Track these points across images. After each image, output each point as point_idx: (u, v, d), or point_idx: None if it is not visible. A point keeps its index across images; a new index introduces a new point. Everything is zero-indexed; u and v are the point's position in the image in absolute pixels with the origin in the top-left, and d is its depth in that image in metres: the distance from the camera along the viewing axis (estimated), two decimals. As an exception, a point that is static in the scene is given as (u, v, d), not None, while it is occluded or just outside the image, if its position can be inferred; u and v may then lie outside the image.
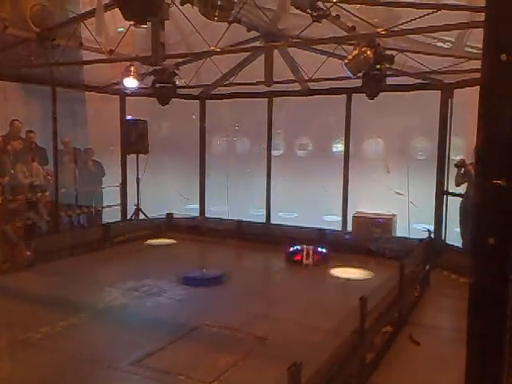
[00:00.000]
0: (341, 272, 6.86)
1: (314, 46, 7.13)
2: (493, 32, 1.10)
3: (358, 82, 6.86)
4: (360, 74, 6.41)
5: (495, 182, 1.11)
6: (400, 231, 8.76)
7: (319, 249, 7.28)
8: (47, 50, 6.43)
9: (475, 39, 5.89)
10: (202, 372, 3.81)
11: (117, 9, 6.05)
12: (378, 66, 6.36)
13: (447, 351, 4.31)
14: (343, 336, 3.46)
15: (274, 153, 9.70)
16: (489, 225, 1.11)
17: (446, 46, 6.39)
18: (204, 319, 4.86)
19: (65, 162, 9.15)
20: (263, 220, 9.24)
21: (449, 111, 7.36)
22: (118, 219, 9.41)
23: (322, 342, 3.66)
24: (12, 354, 4.12)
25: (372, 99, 7.02)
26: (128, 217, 9.55)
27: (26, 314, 5.06)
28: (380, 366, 4.04)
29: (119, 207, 9.59)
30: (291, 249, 7.32)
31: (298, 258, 7.16)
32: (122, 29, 7.22)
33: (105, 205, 9.75)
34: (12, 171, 8.02)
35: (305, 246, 7.24)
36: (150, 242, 8.73)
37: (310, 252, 7.15)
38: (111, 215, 9.47)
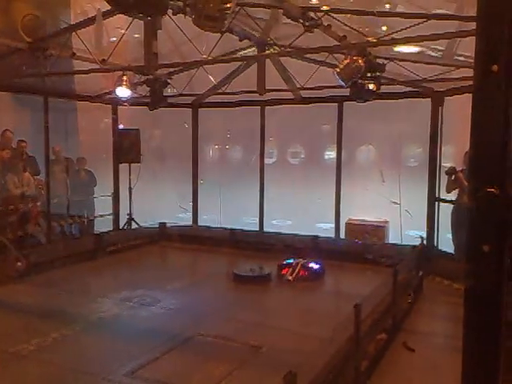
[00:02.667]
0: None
1: (305, 55, 7.19)
2: (484, 42, 1.12)
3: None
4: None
5: (488, 189, 1.12)
6: (392, 238, 8.81)
7: (311, 264, 6.88)
8: (39, 59, 6.42)
9: (465, 48, 5.98)
10: (197, 382, 3.79)
11: (109, 19, 6.09)
12: (370, 75, 6.42)
13: (442, 358, 4.32)
14: (338, 344, 3.46)
15: (267, 161, 9.73)
16: (483, 232, 1.12)
17: (436, 55, 6.48)
18: (198, 329, 4.84)
19: (56, 172, 9.11)
20: (256, 228, 9.24)
21: (439, 119, 7.44)
22: (111, 229, 9.37)
23: (316, 350, 3.66)
24: (3, 367, 4.07)
25: (362, 102, 7.00)
26: (120, 226, 9.51)
27: (17, 325, 5.01)
28: (374, 373, 4.04)
29: (111, 216, 9.55)
30: (284, 262, 7.03)
31: (284, 271, 6.87)
32: (114, 38, 7.23)
33: (97, 214, 9.70)
34: (3, 182, 7.97)
35: (300, 260, 6.87)
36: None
37: (297, 268, 6.77)
38: (103, 225, 9.42)
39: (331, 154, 10.11)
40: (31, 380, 3.85)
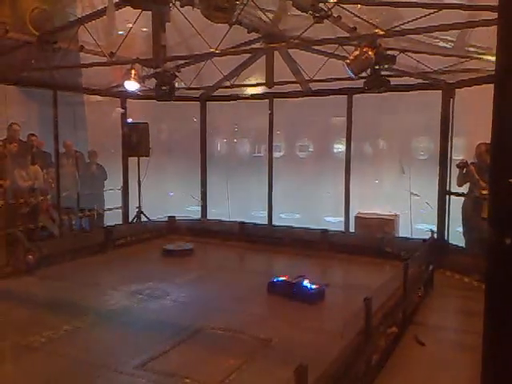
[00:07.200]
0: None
1: (314, 47, 7.12)
2: (507, 30, 1.08)
3: (360, 83, 6.84)
4: (362, 74, 6.39)
5: (510, 181, 1.09)
6: (402, 232, 8.75)
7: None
8: (48, 53, 6.42)
9: (476, 38, 5.88)
10: (207, 375, 3.79)
11: (117, 12, 6.07)
12: (378, 67, 6.35)
13: (452, 352, 4.30)
14: (349, 338, 3.44)
15: (275, 154, 9.69)
16: (505, 225, 1.09)
17: (447, 46, 6.38)
18: (208, 321, 4.85)
19: (66, 166, 9.14)
20: (264, 221, 9.22)
21: (450, 111, 7.34)
22: (120, 222, 9.40)
23: (327, 343, 3.65)
24: (15, 359, 4.11)
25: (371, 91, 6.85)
26: (130, 219, 9.54)
27: (28, 318, 5.05)
28: (385, 367, 4.02)
29: (121, 210, 9.58)
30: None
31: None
32: (122, 32, 7.21)
33: (106, 208, 9.74)
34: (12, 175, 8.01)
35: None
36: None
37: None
38: (113, 218, 9.45)
39: (340, 148, 10.04)
40: (43, 372, 3.87)
